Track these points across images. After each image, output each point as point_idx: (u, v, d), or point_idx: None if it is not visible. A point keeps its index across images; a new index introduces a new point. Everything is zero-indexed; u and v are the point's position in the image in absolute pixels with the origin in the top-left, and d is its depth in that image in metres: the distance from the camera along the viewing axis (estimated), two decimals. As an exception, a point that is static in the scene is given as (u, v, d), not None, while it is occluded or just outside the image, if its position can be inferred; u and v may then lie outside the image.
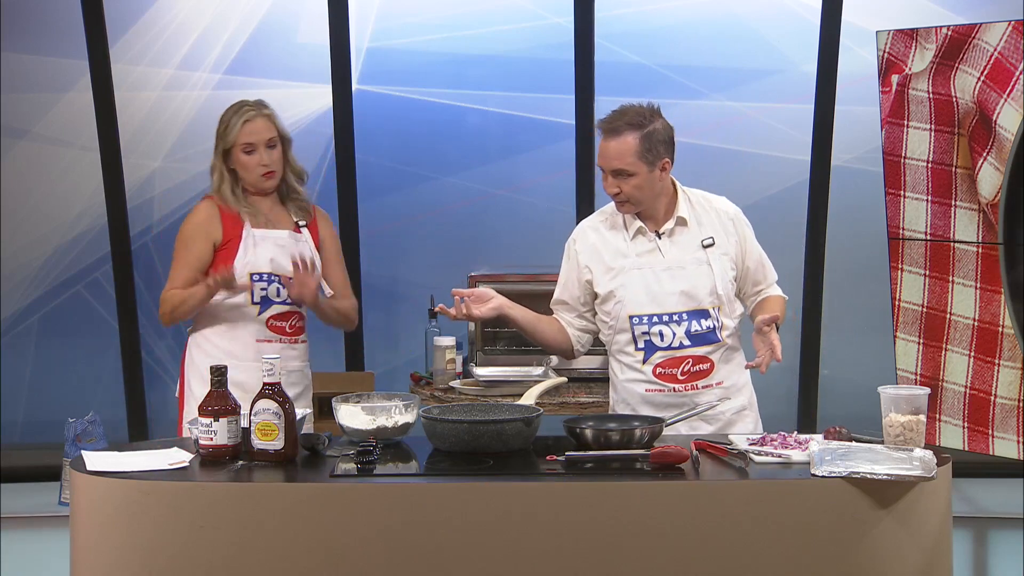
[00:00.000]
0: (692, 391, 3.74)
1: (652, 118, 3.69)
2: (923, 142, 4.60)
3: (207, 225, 4.04)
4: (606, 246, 3.79)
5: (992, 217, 4.44)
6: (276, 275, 4.05)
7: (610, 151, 3.68)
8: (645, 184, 3.68)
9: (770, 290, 3.87)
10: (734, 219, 3.81)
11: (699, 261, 3.74)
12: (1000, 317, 4.47)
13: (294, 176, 4.16)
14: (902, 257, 4.72)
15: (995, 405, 4.51)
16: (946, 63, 4.49)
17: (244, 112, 4.03)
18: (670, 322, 3.72)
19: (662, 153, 3.68)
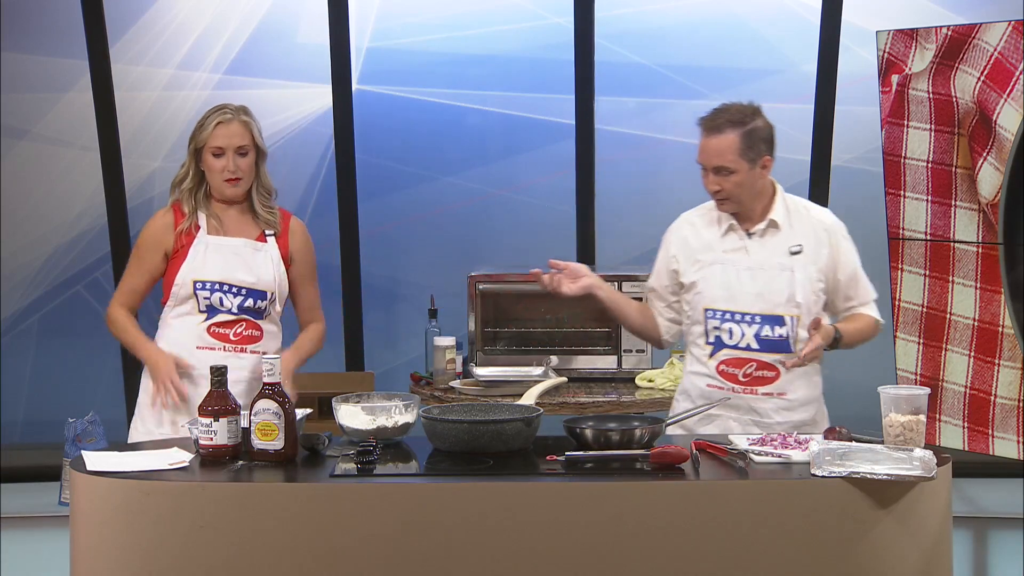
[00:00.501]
0: (751, 395, 3.71)
1: (753, 116, 3.69)
2: (923, 142, 4.60)
3: (160, 235, 3.91)
4: (697, 238, 3.80)
5: (992, 217, 4.44)
6: (224, 283, 3.87)
7: (711, 148, 3.69)
8: (746, 181, 3.67)
9: (862, 308, 3.79)
10: (829, 230, 3.76)
11: (783, 267, 3.71)
12: (1000, 317, 4.47)
13: (263, 190, 3.96)
14: (902, 257, 4.72)
15: (995, 405, 4.51)
16: (946, 63, 4.49)
17: (221, 114, 3.90)
18: (741, 322, 3.70)
19: (763, 151, 3.68)
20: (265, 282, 3.90)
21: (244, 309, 3.88)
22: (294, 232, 4.02)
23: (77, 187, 5.77)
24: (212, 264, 3.88)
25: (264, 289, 3.90)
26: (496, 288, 4.91)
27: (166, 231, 3.92)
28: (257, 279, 3.89)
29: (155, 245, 3.92)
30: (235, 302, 3.88)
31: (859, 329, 3.75)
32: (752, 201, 3.73)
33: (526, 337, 4.92)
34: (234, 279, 3.88)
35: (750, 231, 3.75)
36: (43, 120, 5.77)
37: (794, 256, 3.72)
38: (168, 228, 3.92)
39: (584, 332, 4.90)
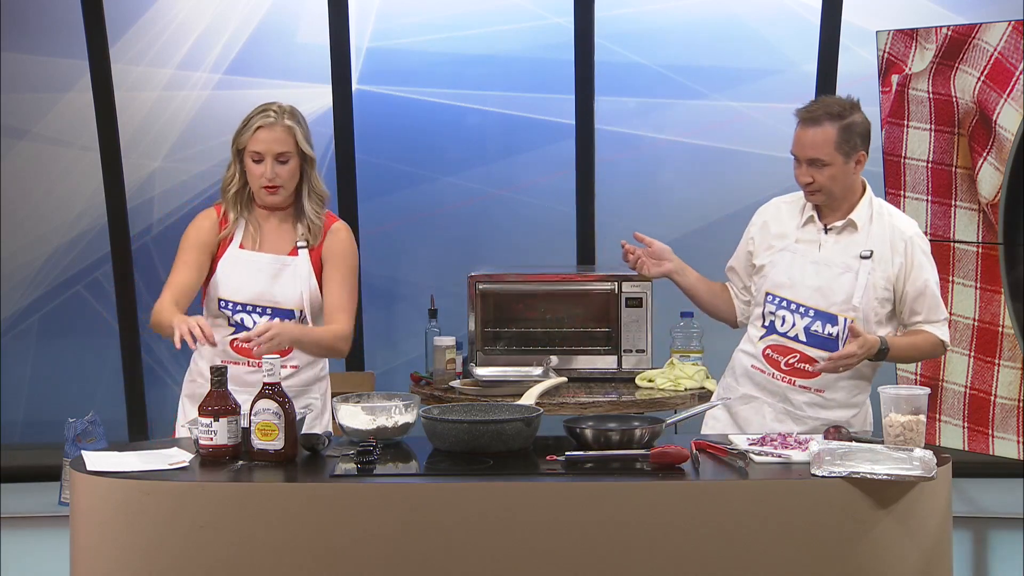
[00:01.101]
0: (788, 384, 3.72)
1: (852, 110, 3.69)
2: (923, 142, 4.60)
3: (206, 235, 3.76)
4: (778, 224, 3.81)
5: (992, 217, 4.44)
6: (248, 304, 3.74)
7: (807, 139, 3.68)
8: (839, 175, 3.67)
9: (928, 326, 3.72)
10: (908, 241, 3.70)
11: (849, 268, 3.69)
12: (1000, 317, 4.47)
13: (315, 197, 3.79)
14: (902, 257, 4.72)
15: (995, 405, 4.51)
16: (946, 63, 4.49)
17: (264, 116, 3.70)
18: (796, 312, 3.71)
19: (858, 146, 3.67)
20: (291, 301, 3.75)
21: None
22: (332, 235, 3.81)
23: (77, 187, 5.77)
24: (237, 283, 3.74)
25: (290, 308, 3.76)
26: (496, 288, 4.91)
27: (211, 232, 3.76)
28: (283, 299, 3.75)
29: (202, 245, 3.74)
30: (259, 320, 3.73)
31: (914, 344, 3.72)
32: (844, 195, 3.73)
33: (526, 337, 4.92)
34: (259, 299, 3.75)
35: (828, 226, 3.75)
36: (43, 120, 5.77)
37: (863, 260, 3.70)
38: (214, 229, 3.76)
39: (584, 332, 4.90)
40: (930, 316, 3.72)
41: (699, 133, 5.69)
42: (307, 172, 3.78)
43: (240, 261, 3.76)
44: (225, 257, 3.76)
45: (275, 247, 3.79)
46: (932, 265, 3.74)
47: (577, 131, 5.66)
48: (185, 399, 3.91)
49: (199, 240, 3.76)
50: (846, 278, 3.69)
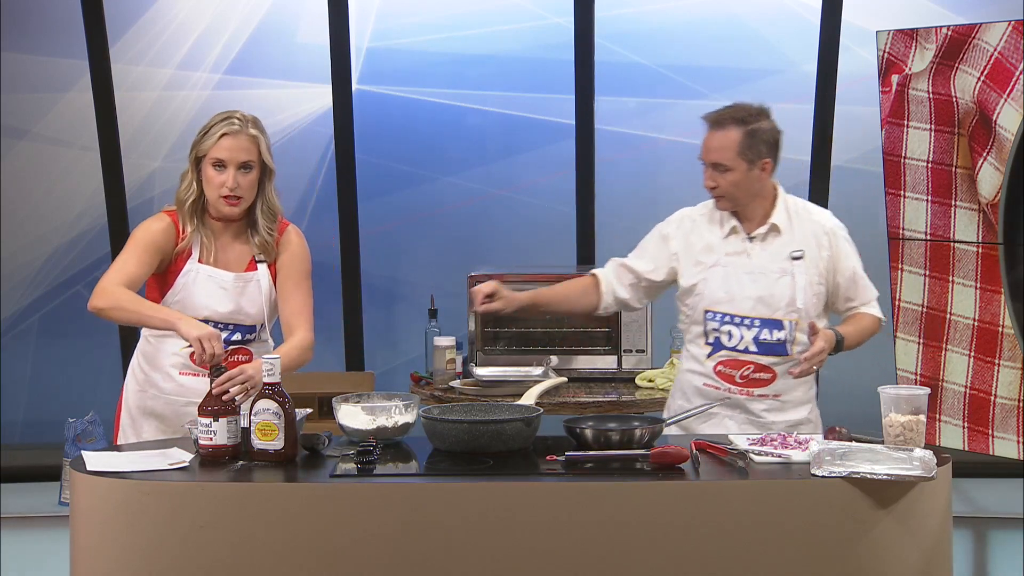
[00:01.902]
0: (746, 396, 3.72)
1: (759, 117, 3.68)
2: (923, 142, 4.60)
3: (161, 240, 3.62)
4: (700, 239, 3.78)
5: (992, 217, 4.44)
6: (210, 320, 3.59)
7: (711, 143, 3.69)
8: (743, 181, 3.66)
9: (864, 308, 3.77)
10: (830, 233, 3.74)
11: (784, 271, 3.70)
12: (1000, 317, 4.47)
13: (267, 211, 3.67)
14: (902, 257, 4.72)
15: (995, 405, 4.51)
16: (946, 63, 4.49)
17: (228, 124, 3.59)
18: (741, 325, 3.70)
19: (764, 153, 3.66)
20: (253, 316, 3.69)
21: (231, 342, 3.67)
22: (285, 242, 3.72)
23: (77, 187, 5.78)
24: (198, 298, 3.63)
25: (252, 324, 3.70)
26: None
27: (166, 238, 3.64)
28: (244, 315, 3.68)
29: (155, 248, 3.62)
30: (221, 335, 3.58)
31: (861, 329, 3.75)
32: (749, 202, 3.72)
33: (526, 337, 4.92)
34: (219, 315, 3.65)
35: (751, 234, 3.74)
36: (43, 120, 5.77)
37: (796, 261, 3.71)
38: (169, 236, 3.64)
39: (584, 332, 4.90)
40: (863, 298, 3.77)
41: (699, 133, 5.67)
42: (264, 184, 3.66)
43: (201, 277, 3.65)
44: (186, 273, 3.65)
45: (232, 261, 3.69)
46: (854, 249, 3.78)
47: (577, 131, 5.66)
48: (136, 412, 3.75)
49: (152, 242, 3.62)
50: (784, 282, 3.69)
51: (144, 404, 3.75)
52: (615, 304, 3.87)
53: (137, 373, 3.79)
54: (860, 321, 3.76)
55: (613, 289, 3.85)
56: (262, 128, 3.67)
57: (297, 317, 3.68)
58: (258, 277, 3.70)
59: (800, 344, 3.68)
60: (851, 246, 3.78)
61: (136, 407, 3.76)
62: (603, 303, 3.86)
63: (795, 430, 3.70)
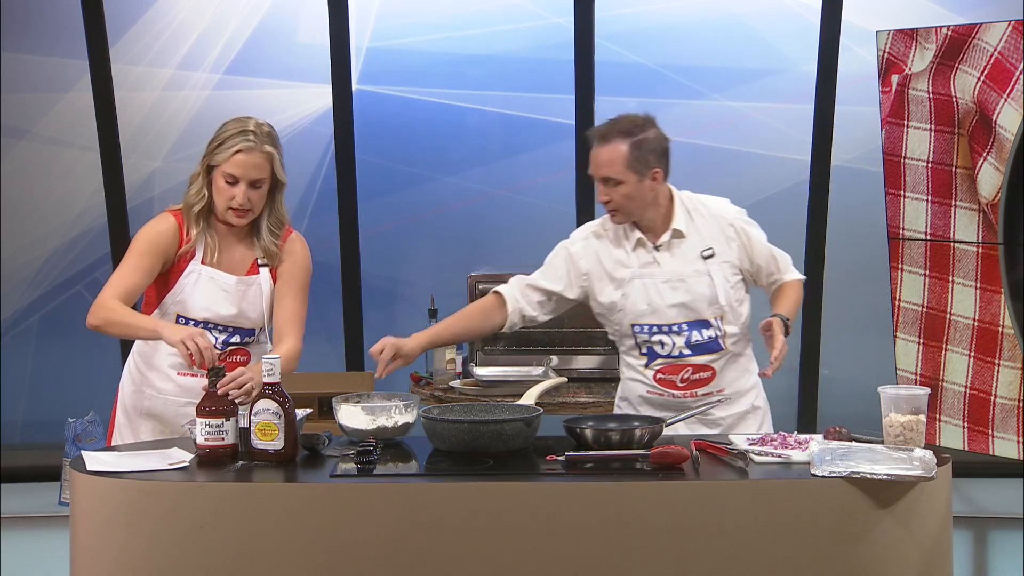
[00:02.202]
0: (691, 398, 3.74)
1: (645, 127, 3.67)
2: (923, 142, 4.60)
3: (166, 242, 3.63)
4: (609, 256, 3.77)
5: (992, 217, 4.44)
6: (209, 322, 3.65)
7: (600, 159, 3.66)
8: (635, 194, 3.65)
9: (785, 276, 3.81)
10: (734, 223, 3.76)
11: (699, 272, 3.71)
12: (1000, 317, 4.47)
13: (274, 221, 3.69)
14: (902, 257, 4.72)
15: (995, 405, 4.51)
16: (946, 63, 4.49)
17: (244, 139, 3.58)
18: (670, 332, 3.72)
19: (652, 163, 3.65)
20: (252, 319, 3.71)
21: (229, 344, 3.70)
22: (289, 250, 3.75)
23: (77, 187, 5.78)
24: (199, 300, 3.65)
25: (251, 327, 3.72)
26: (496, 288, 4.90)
27: (171, 241, 3.65)
28: (245, 318, 3.70)
29: (158, 253, 3.63)
30: (220, 337, 3.68)
31: (795, 300, 3.78)
32: (644, 212, 3.71)
33: (526, 337, 4.92)
34: (220, 318, 3.67)
35: (657, 243, 3.74)
36: (43, 120, 5.77)
37: (707, 260, 3.73)
38: (173, 239, 3.65)
39: (584, 332, 4.90)
40: (783, 268, 3.81)
41: (699, 133, 5.69)
42: (274, 196, 3.68)
43: (203, 279, 3.66)
44: (188, 273, 3.66)
45: (235, 264, 3.71)
46: (759, 229, 3.80)
47: (577, 131, 5.66)
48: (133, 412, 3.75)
49: (157, 246, 3.63)
50: (703, 282, 3.71)
51: (141, 404, 3.75)
52: (520, 322, 3.85)
53: (134, 373, 3.79)
54: (789, 293, 3.79)
55: (520, 308, 3.82)
56: (277, 141, 3.66)
57: (289, 325, 3.68)
58: (260, 281, 3.71)
59: (731, 337, 3.73)
60: (755, 227, 3.81)
61: (133, 407, 3.76)
62: (509, 322, 3.83)
63: (742, 421, 3.77)
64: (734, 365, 3.77)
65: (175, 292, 3.66)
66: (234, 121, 3.65)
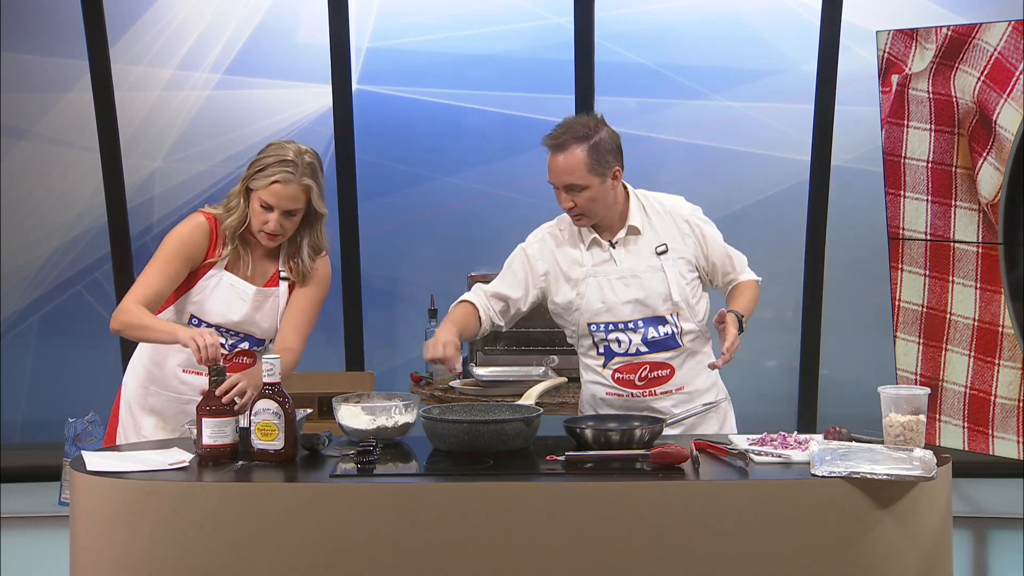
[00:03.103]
0: (650, 396, 3.74)
1: (597, 128, 3.68)
2: (923, 142, 4.60)
3: (195, 248, 3.65)
4: (564, 256, 3.79)
5: (992, 217, 4.44)
6: (221, 327, 3.67)
7: (560, 167, 3.66)
8: (599, 196, 3.67)
9: (740, 276, 3.83)
10: (688, 220, 3.78)
11: (653, 268, 3.72)
12: (1000, 317, 4.47)
13: (313, 246, 3.71)
14: (902, 257, 4.72)
15: (995, 405, 4.51)
16: (946, 63, 4.49)
17: (283, 170, 3.56)
18: (626, 330, 3.72)
19: (611, 162, 3.67)
20: (264, 330, 3.74)
21: (237, 348, 3.72)
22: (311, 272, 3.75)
23: (77, 187, 5.77)
24: (216, 304, 3.68)
25: (262, 337, 3.75)
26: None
27: (201, 243, 3.66)
28: (256, 327, 3.72)
29: (188, 259, 3.64)
30: (229, 342, 3.70)
31: (748, 299, 3.79)
32: (608, 212, 3.73)
33: (526, 337, 4.92)
34: (233, 324, 3.69)
35: (612, 241, 3.75)
36: (43, 120, 5.77)
37: (661, 256, 3.73)
38: (203, 241, 3.66)
39: (584, 332, 4.89)
40: (738, 268, 3.83)
41: (699, 133, 5.69)
42: (313, 225, 3.70)
43: (224, 284, 3.68)
44: (209, 277, 3.68)
45: (256, 274, 3.72)
46: (713, 225, 3.82)
47: (577, 131, 5.66)
48: (136, 409, 3.77)
49: (186, 251, 3.65)
50: (657, 278, 3.72)
51: (145, 401, 3.76)
52: (491, 329, 3.87)
53: (139, 370, 3.80)
54: (745, 292, 3.80)
55: (491, 316, 3.83)
56: (318, 172, 3.64)
57: (294, 332, 3.69)
58: (278, 293, 3.73)
59: (689, 334, 3.73)
60: (711, 225, 3.82)
61: (136, 403, 3.78)
62: (482, 330, 3.84)
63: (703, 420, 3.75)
64: (692, 362, 3.76)
65: (193, 293, 3.68)
66: (275, 146, 3.63)
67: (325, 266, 3.80)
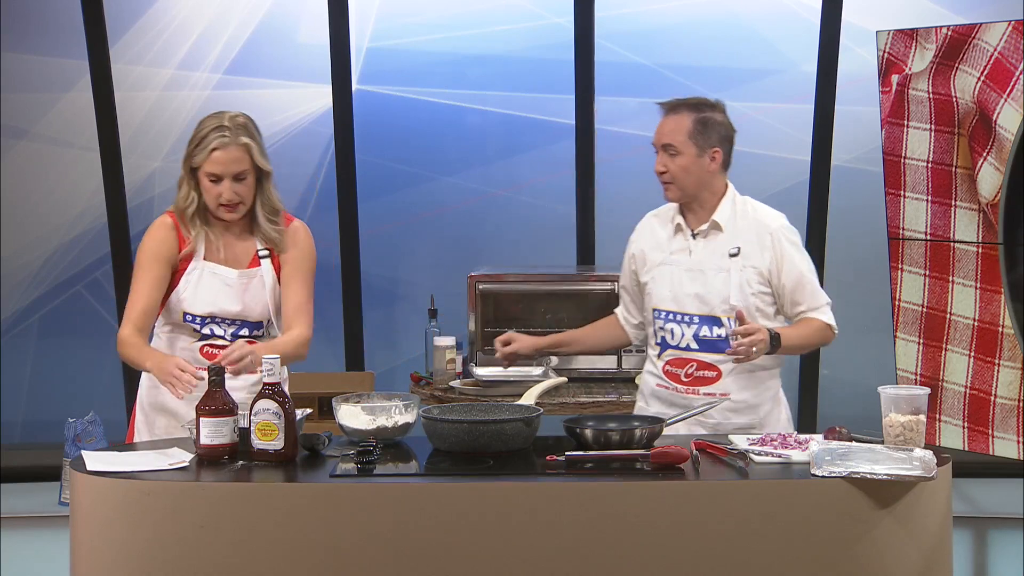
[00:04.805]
0: (693, 395, 3.74)
1: (714, 108, 3.74)
2: (923, 142, 4.60)
3: (167, 248, 3.67)
4: (653, 238, 3.84)
5: (992, 217, 4.44)
6: (215, 316, 3.69)
7: (664, 127, 3.74)
8: (692, 167, 3.69)
9: (812, 313, 3.73)
10: (773, 234, 3.73)
11: (720, 268, 3.72)
12: (1000, 317, 4.47)
13: (268, 210, 3.70)
14: (902, 257, 4.72)
15: (995, 405, 4.51)
16: (946, 63, 4.48)
17: (219, 136, 3.59)
18: (682, 322, 3.73)
19: (714, 142, 3.70)
20: (257, 313, 3.74)
21: (238, 336, 3.72)
22: (290, 237, 3.77)
23: (77, 187, 5.77)
24: (203, 296, 3.69)
25: (257, 320, 3.75)
26: (496, 288, 4.91)
27: (172, 245, 3.69)
28: (251, 312, 3.73)
29: (164, 259, 3.67)
30: (228, 331, 3.72)
31: (803, 334, 3.72)
32: (697, 191, 3.74)
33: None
34: (224, 312, 3.71)
35: (695, 231, 3.77)
36: (43, 120, 5.77)
37: (732, 258, 3.73)
38: (174, 242, 3.69)
39: (584, 332, 4.89)
40: (812, 304, 3.75)
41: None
42: (263, 185, 3.69)
43: (206, 275, 3.70)
44: (191, 271, 3.69)
45: (238, 258, 3.74)
46: (803, 254, 3.77)
47: (577, 131, 5.66)
48: (149, 408, 3.80)
49: (160, 253, 3.67)
50: (720, 279, 3.72)
51: (156, 400, 3.78)
52: (637, 330, 3.96)
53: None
54: (806, 325, 3.74)
55: (626, 317, 3.96)
56: (253, 131, 3.67)
57: (297, 313, 3.73)
58: (261, 273, 3.74)
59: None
60: (798, 250, 3.77)
61: (149, 403, 3.81)
62: (629, 335, 3.98)
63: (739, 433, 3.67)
64: (746, 375, 3.72)
65: (179, 290, 3.70)
66: (208, 118, 3.67)
67: (301, 231, 3.79)
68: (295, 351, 3.69)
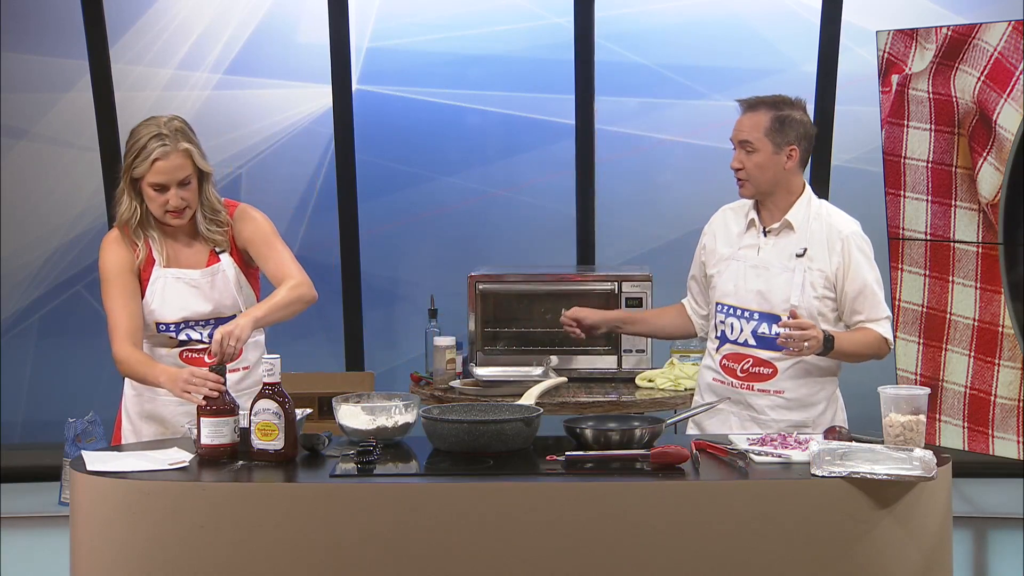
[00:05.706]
0: (748, 391, 3.74)
1: (793, 106, 3.73)
2: (923, 142, 4.60)
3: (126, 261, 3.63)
4: (725, 231, 3.86)
5: (992, 217, 4.44)
6: (188, 321, 3.67)
7: (742, 123, 3.73)
8: (768, 164, 3.69)
9: (870, 324, 3.71)
10: (845, 240, 3.70)
11: (786, 268, 3.72)
12: (1000, 317, 4.47)
13: (208, 211, 3.66)
14: (902, 257, 4.72)
15: (995, 405, 4.51)
16: (946, 63, 4.48)
17: (159, 144, 3.54)
18: (741, 317, 3.74)
19: (791, 139, 3.69)
20: (229, 307, 3.71)
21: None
22: (238, 223, 3.72)
23: (77, 187, 5.77)
24: (172, 303, 3.66)
25: (230, 315, 3.69)
26: (496, 288, 4.91)
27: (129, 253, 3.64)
28: (220, 309, 3.70)
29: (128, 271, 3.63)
30: (204, 332, 3.69)
31: (858, 340, 3.70)
32: (772, 190, 3.74)
33: (526, 337, 4.92)
34: (197, 315, 3.68)
35: (767, 228, 3.77)
36: (43, 120, 5.77)
37: (799, 258, 3.72)
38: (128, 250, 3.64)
39: (584, 332, 4.89)
40: (872, 315, 3.72)
41: (699, 133, 5.69)
42: (203, 187, 3.65)
43: (171, 281, 3.67)
44: (155, 280, 3.66)
45: (194, 258, 3.71)
46: (872, 265, 3.74)
47: (577, 131, 5.66)
48: (136, 417, 3.76)
49: (125, 266, 3.64)
50: (784, 278, 3.72)
51: (142, 408, 3.75)
52: (704, 321, 3.98)
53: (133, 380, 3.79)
54: (862, 334, 3.71)
55: (694, 307, 3.99)
56: (190, 134, 3.63)
57: (283, 269, 3.67)
58: (223, 268, 3.71)
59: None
60: (867, 259, 3.73)
61: (135, 412, 3.77)
62: (695, 325, 4.01)
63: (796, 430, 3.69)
64: (804, 375, 3.73)
65: (147, 301, 3.66)
66: (143, 126, 3.63)
67: (248, 209, 3.75)
68: (296, 295, 3.62)
